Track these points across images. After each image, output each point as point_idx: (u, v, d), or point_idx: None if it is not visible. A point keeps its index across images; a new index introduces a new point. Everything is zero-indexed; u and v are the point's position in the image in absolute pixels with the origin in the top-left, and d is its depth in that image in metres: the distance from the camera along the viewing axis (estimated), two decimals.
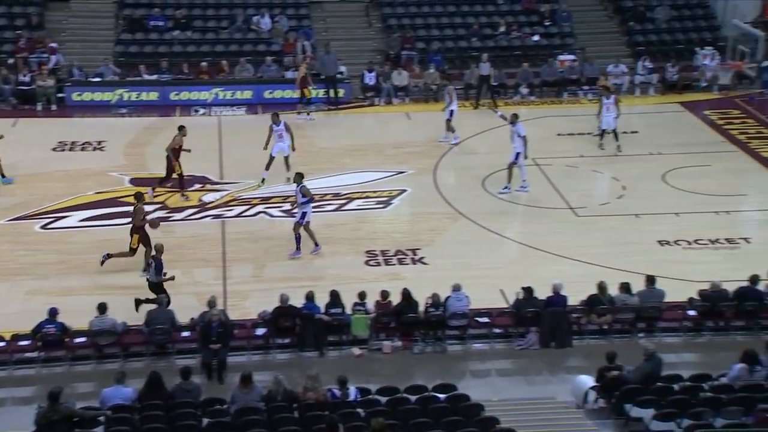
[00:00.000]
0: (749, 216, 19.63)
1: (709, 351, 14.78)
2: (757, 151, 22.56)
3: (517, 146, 19.87)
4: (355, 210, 19.83)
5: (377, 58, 28.47)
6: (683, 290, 15.57)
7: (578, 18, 30.16)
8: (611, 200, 20.08)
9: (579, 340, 15.04)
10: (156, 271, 15.37)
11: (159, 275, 15.38)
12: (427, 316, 14.95)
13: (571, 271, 16.75)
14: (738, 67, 27.19)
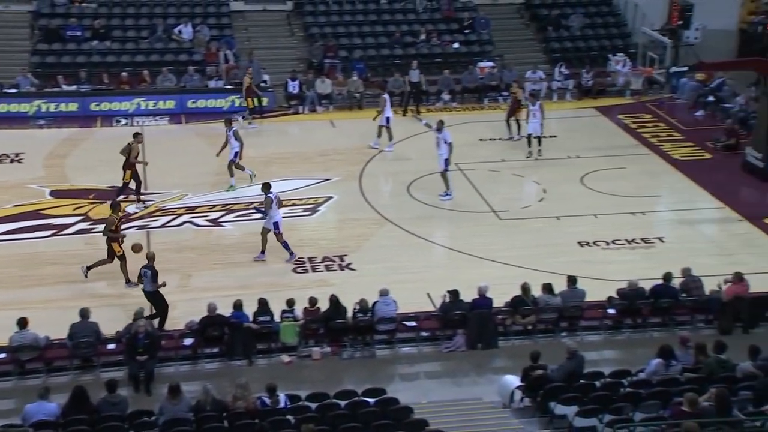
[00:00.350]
0: (663, 216, 20.17)
1: (628, 348, 15.11)
2: (668, 153, 23.20)
3: (443, 153, 19.99)
4: (282, 218, 19.65)
5: (300, 66, 28.38)
6: (603, 289, 15.89)
7: (496, 26, 30.60)
8: (533, 203, 20.41)
9: (504, 341, 15.22)
10: (152, 280, 15.10)
11: (155, 283, 15.15)
12: (355, 321, 14.94)
13: (496, 273, 16.95)
14: (648, 72, 27.95)
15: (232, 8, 30.36)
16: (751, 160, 21.72)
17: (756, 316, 15.45)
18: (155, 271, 15.25)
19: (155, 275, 15.21)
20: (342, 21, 30.26)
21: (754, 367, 12.65)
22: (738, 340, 14.48)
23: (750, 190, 21.25)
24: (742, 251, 18.04)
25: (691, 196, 20.81)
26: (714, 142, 23.57)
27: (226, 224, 19.48)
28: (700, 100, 26.41)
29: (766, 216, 19.52)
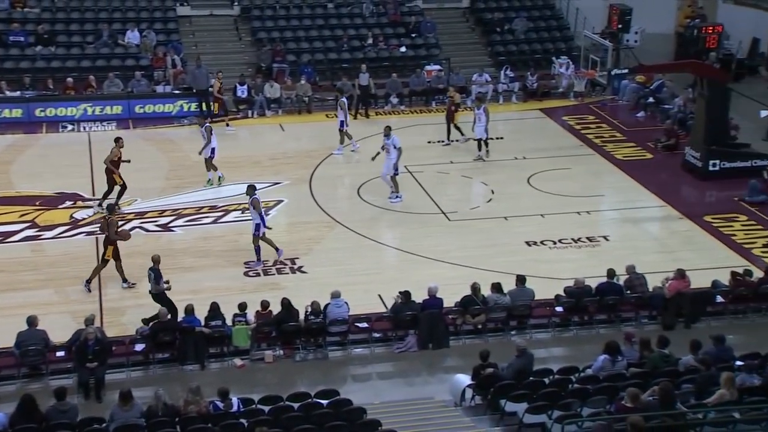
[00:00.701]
0: (608, 215, 20.48)
1: (575, 345, 15.31)
2: (611, 153, 23.57)
3: (393, 158, 20.00)
4: (233, 222, 19.57)
5: (248, 71, 28.21)
6: (551, 288, 16.09)
7: (442, 30, 30.78)
8: (481, 204, 20.56)
9: (455, 340, 15.31)
10: (156, 281, 15.08)
11: (159, 284, 15.07)
12: (307, 324, 14.90)
13: (446, 273, 17.04)
14: (591, 75, 28.27)
15: (179, 13, 30.05)
16: (690, 159, 22.18)
17: (697, 311, 15.76)
18: (159, 273, 15.20)
19: (159, 277, 15.17)
20: (289, 25, 30.16)
21: (696, 361, 12.90)
22: (680, 334, 14.78)
23: (689, 189, 21.70)
24: (683, 248, 18.41)
25: (634, 196, 21.17)
26: (655, 142, 24.02)
27: (177, 229, 19.27)
28: (640, 101, 26.89)
29: (705, 214, 19.93)
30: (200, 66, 26.15)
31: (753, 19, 30.33)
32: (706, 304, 15.92)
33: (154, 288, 15.25)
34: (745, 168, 21.65)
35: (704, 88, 21.75)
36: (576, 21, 31.15)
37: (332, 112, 26.62)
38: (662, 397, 11.17)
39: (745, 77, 29.17)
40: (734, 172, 21.58)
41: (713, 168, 21.67)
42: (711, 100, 21.59)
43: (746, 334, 15.39)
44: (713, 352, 13.26)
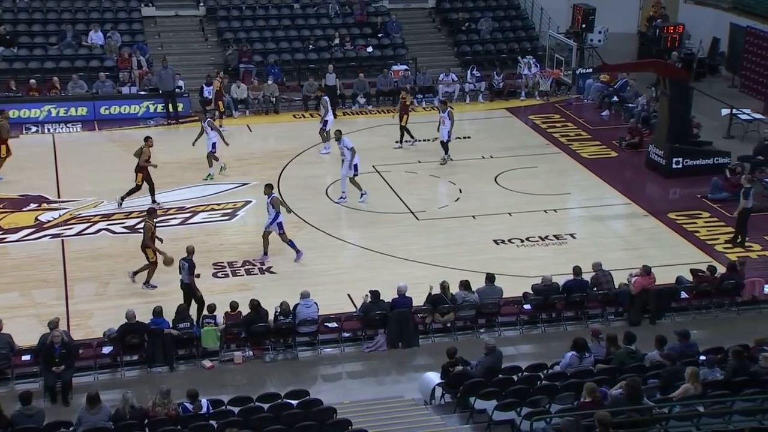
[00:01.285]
0: (574, 213, 20.62)
1: (543, 342, 15.41)
2: (577, 152, 23.74)
3: (348, 158, 19.85)
4: (201, 223, 19.46)
5: (215, 71, 28.02)
6: (519, 286, 16.18)
7: (409, 30, 30.82)
8: (449, 203, 20.62)
9: (425, 339, 15.34)
10: (189, 272, 15.20)
11: (191, 275, 15.21)
12: (276, 324, 14.84)
13: (415, 272, 17.07)
14: (556, 74, 28.55)
15: (144, 14, 29.77)
16: (653, 157, 22.41)
17: (662, 307, 15.94)
18: (192, 264, 15.34)
19: (192, 267, 15.28)
20: (256, 26, 30.03)
21: (661, 356, 13.05)
22: (646, 330, 14.95)
23: (654, 186, 21.93)
24: (648, 245, 18.61)
25: (599, 194, 21.35)
26: (619, 140, 24.23)
27: None
28: (605, 100, 27.12)
29: (669, 211, 20.16)
30: (166, 67, 25.93)
31: (713, 19, 30.73)
32: (671, 300, 16.11)
33: (187, 278, 15.34)
34: (708, 165, 21.93)
35: (667, 87, 21.99)
36: (541, 21, 31.37)
37: (298, 112, 26.62)
38: (630, 393, 11.27)
39: (706, 76, 29.54)
40: (697, 170, 21.85)
41: (676, 166, 21.92)
42: (673, 98, 21.85)
43: (709, 329, 15.61)
44: (678, 348, 13.43)
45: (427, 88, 27.74)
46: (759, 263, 17.53)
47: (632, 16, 34.22)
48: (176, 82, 26.13)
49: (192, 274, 15.38)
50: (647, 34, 31.17)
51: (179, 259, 15.66)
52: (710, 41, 30.47)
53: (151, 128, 25.12)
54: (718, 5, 31.08)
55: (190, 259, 15.50)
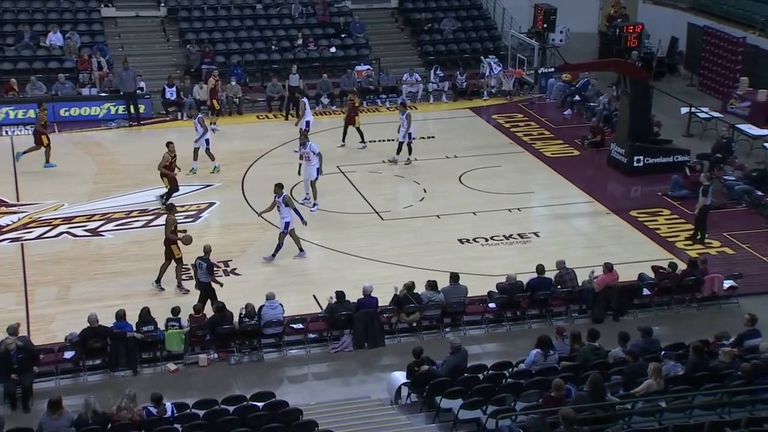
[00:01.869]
0: (538, 212, 20.76)
1: (508, 340, 15.49)
2: (540, 151, 23.91)
3: (314, 163, 19.75)
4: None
5: (177, 72, 27.81)
6: (484, 285, 16.24)
7: (372, 30, 30.83)
8: (414, 203, 20.64)
9: (391, 339, 15.35)
10: (207, 272, 15.21)
11: (210, 275, 15.22)
12: (241, 326, 14.75)
13: (380, 272, 17.08)
14: (519, 74, 28.72)
15: (104, 14, 29.39)
16: (615, 155, 22.64)
17: (624, 304, 16.10)
18: (211, 264, 15.35)
19: (211, 267, 15.31)
20: (218, 26, 29.82)
21: (624, 353, 13.19)
22: (609, 327, 15.08)
23: (615, 185, 22.15)
24: (611, 243, 18.79)
25: (562, 192, 21.51)
26: (581, 139, 24.44)
27: (106, 233, 18.89)
28: (567, 99, 27.34)
29: (631, 209, 20.38)
30: (127, 68, 25.66)
31: (671, 18, 31.13)
32: (634, 297, 16.28)
33: (205, 278, 15.29)
34: (668, 163, 22.19)
35: (627, 86, 22.22)
36: (503, 21, 31.54)
37: (262, 113, 26.49)
38: (593, 389, 11.37)
39: (666, 75, 29.90)
40: (657, 168, 22.10)
41: (637, 164, 22.16)
42: (634, 97, 22.08)
43: (671, 325, 15.82)
44: (641, 344, 13.59)
45: (390, 88, 27.75)
46: (718, 259, 17.78)
47: (593, 15, 34.54)
48: (137, 83, 25.87)
49: (211, 274, 15.37)
50: (607, 34, 31.46)
51: (195, 258, 15.61)
52: (669, 41, 30.86)
53: (112, 130, 24.86)
54: (676, 5, 31.48)
55: (208, 258, 15.48)
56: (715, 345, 13.56)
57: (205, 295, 15.45)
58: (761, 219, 19.73)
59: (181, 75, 27.53)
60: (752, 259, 18.02)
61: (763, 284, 17.09)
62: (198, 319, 14.77)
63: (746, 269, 17.21)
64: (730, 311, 16.19)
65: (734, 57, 27.47)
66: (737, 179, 20.99)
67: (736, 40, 27.46)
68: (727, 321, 15.44)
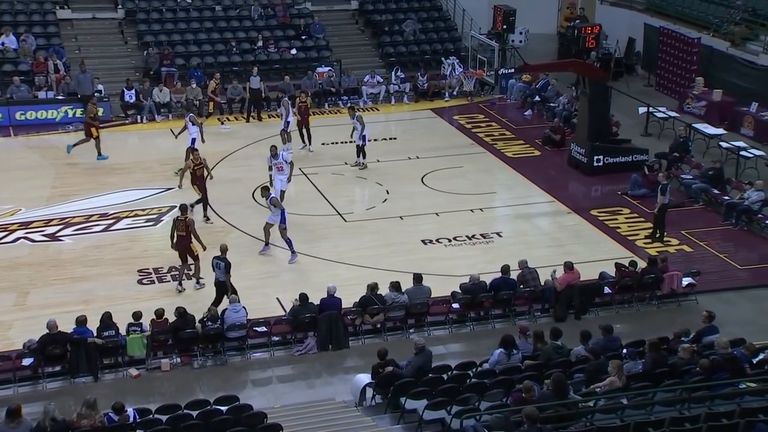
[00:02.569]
0: (499, 212, 20.89)
1: (472, 340, 15.56)
2: (502, 151, 24.06)
3: (286, 173, 19.62)
4: (125, 229, 19.08)
5: (136, 75, 27.54)
6: (447, 285, 16.29)
7: (332, 32, 30.81)
8: (377, 204, 20.66)
9: (355, 340, 15.33)
10: (226, 270, 15.44)
11: (228, 274, 15.45)
12: (204, 330, 14.64)
13: (344, 274, 17.07)
14: (479, 75, 28.88)
15: (59, 16, 29.02)
16: (575, 155, 22.86)
17: (586, 302, 16.26)
18: (228, 263, 15.51)
19: (229, 266, 15.48)
20: (177, 28, 29.58)
21: (586, 351, 13.31)
22: (571, 326, 15.22)
23: (576, 184, 22.36)
24: (572, 242, 18.97)
25: (524, 192, 21.67)
26: (544, 138, 24.60)
27: (65, 238, 18.64)
28: (527, 100, 27.55)
29: (591, 208, 20.59)
30: (85, 71, 25.36)
31: (628, 19, 31.53)
32: (595, 296, 16.44)
33: (222, 276, 15.50)
34: (627, 163, 22.45)
35: (586, 86, 22.46)
36: (463, 22, 31.71)
37: (222, 115, 26.34)
38: (555, 388, 11.47)
39: (623, 75, 30.24)
40: (617, 167, 22.35)
41: (597, 163, 22.39)
42: (593, 98, 22.32)
43: (631, 322, 16.00)
44: (602, 342, 13.73)
45: (351, 90, 27.76)
46: (677, 257, 18.03)
47: (551, 17, 34.88)
48: (95, 86, 25.57)
49: (228, 273, 15.45)
50: (566, 35, 31.79)
51: (212, 257, 15.74)
52: (626, 41, 31.25)
53: (70, 133, 24.53)
54: (632, 6, 31.91)
55: (225, 258, 15.59)
56: (675, 341, 13.75)
57: (221, 293, 15.60)
58: (717, 217, 20.04)
59: (140, 77, 27.27)
60: (709, 257, 18.30)
61: (721, 281, 17.37)
62: (160, 323, 14.63)
63: (704, 267, 17.47)
64: (688, 308, 16.42)
65: (689, 57, 27.88)
66: (694, 178, 21.30)
67: (691, 40, 27.87)
68: (686, 318, 15.68)
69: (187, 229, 16.44)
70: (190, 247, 16.48)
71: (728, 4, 28.74)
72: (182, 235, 16.41)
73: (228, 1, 30.89)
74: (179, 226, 16.46)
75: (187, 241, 16.45)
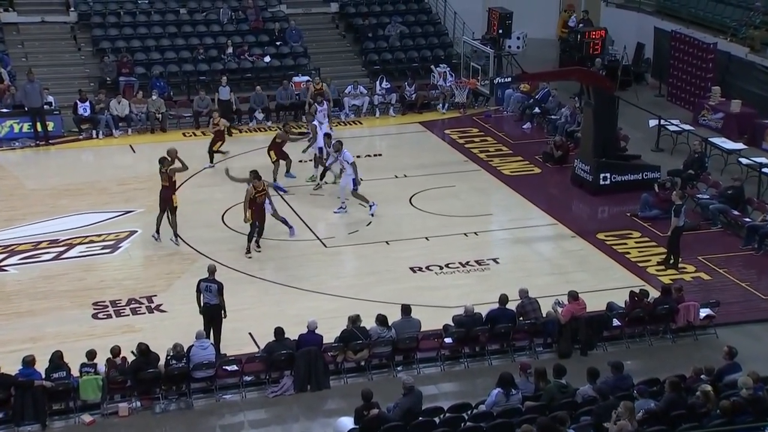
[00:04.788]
0: (496, 235, 20.99)
1: (467, 378, 15.57)
2: (498, 169, 24.21)
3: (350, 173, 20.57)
4: (78, 257, 19.02)
5: (91, 85, 27.58)
6: (439, 317, 16.32)
7: (310, 37, 30.99)
8: (360, 228, 20.70)
9: (336, 380, 15.31)
10: (219, 292, 15.52)
11: (221, 295, 15.55)
12: (168, 369, 14.59)
13: (324, 306, 17.09)
14: (472, 84, 28.99)
15: (4, 20, 29.05)
16: (579, 173, 23.00)
17: (593, 336, 16.29)
18: (220, 284, 15.62)
19: (221, 288, 15.56)
20: (136, 34, 29.67)
21: (594, 391, 13.34)
22: (577, 362, 15.26)
23: (581, 205, 22.51)
24: (577, 269, 19.06)
25: (523, 214, 21.78)
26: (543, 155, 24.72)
27: (9, 268, 18.57)
28: (526, 112, 27.74)
29: (598, 231, 20.70)
30: (33, 81, 25.35)
31: (636, 23, 31.86)
32: (603, 329, 16.48)
33: (215, 299, 15.56)
34: (637, 181, 22.62)
35: (591, 96, 22.61)
36: (454, 26, 31.96)
37: (188, 129, 26.37)
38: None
39: (632, 85, 30.50)
40: (626, 186, 22.50)
41: (604, 182, 22.55)
42: (598, 109, 22.49)
43: (644, 358, 16.05)
44: (611, 381, 13.75)
45: (333, 101, 27.81)
46: (693, 286, 18.13)
47: (552, 20, 35.18)
48: (45, 97, 25.57)
49: (221, 295, 15.52)
50: (569, 40, 32.07)
51: (199, 280, 15.77)
52: (635, 47, 31.54)
53: (16, 151, 24.49)
54: (641, 8, 32.21)
55: (215, 279, 15.74)
56: (692, 380, 13.79)
57: (213, 319, 15.54)
58: (738, 241, 20.17)
59: (95, 88, 27.28)
60: (730, 285, 18.41)
61: (742, 312, 17.46)
62: (117, 362, 14.56)
63: (724, 296, 17.57)
64: (707, 343, 16.50)
65: (704, 65, 28.13)
66: (711, 197, 21.46)
67: (706, 46, 28.15)
68: (705, 354, 15.75)
69: (169, 179, 18.88)
70: (172, 198, 18.90)
71: (747, 5, 29.08)
72: (165, 185, 19.03)
73: (194, 4, 31.05)
74: (162, 176, 19.04)
75: (169, 193, 18.94)
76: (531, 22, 32.16)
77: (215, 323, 15.61)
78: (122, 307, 17.15)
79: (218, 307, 15.62)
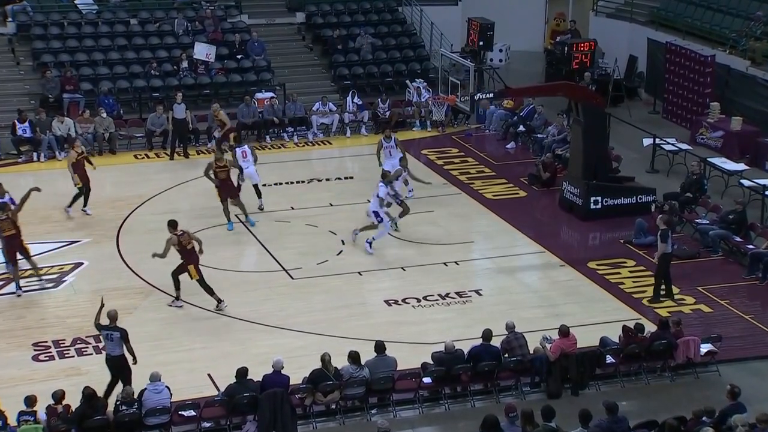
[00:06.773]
0: (479, 265, 21.06)
1: (448, 422, 15.58)
2: (480, 192, 24.32)
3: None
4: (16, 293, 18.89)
5: (31, 103, 27.51)
6: (417, 355, 16.33)
7: (274, 50, 31.11)
8: (330, 258, 20.71)
9: (305, 424, 15.28)
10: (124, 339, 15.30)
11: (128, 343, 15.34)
12: (117, 416, 14.49)
13: (291, 343, 17.09)
14: (451, 101, 29.17)
15: None
16: (568, 196, 23.12)
17: (585, 375, 16.34)
18: (124, 331, 15.38)
19: (124, 335, 15.32)
20: (82, 46, 29.66)
21: None
22: (568, 404, 15.31)
23: (570, 231, 22.65)
24: (566, 301, 19.14)
25: (508, 241, 21.89)
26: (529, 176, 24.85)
27: None
28: (510, 130, 27.89)
29: (589, 260, 20.82)
30: None
31: (628, 33, 32.18)
32: (595, 366, 16.54)
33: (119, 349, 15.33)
34: (630, 205, 22.77)
35: (580, 114, 22.74)
36: (431, 38, 32.20)
37: (141, 151, 26.31)
38: None
39: (624, 100, 30.68)
40: (618, 210, 22.66)
41: (595, 206, 22.66)
42: (588, 127, 22.62)
43: (640, 398, 16.12)
44: (605, 424, 13.79)
45: (299, 120, 27.91)
46: (693, 319, 18.25)
47: (537, 32, 35.49)
48: None
49: (128, 342, 15.32)
50: (555, 53, 32.37)
51: (101, 329, 15.47)
52: (627, 60, 31.85)
53: None
54: (633, 18, 32.54)
55: (117, 326, 15.45)
56: (693, 423, 13.86)
57: (120, 371, 15.30)
58: (741, 270, 20.33)
59: (36, 106, 27.20)
60: (733, 318, 18.54)
61: (747, 348, 17.57)
62: (60, 410, 14.44)
63: (726, 330, 17.70)
64: (709, 381, 16.59)
65: (702, 79, 28.42)
66: (711, 223, 21.61)
67: (704, 59, 28.43)
68: (706, 393, 15.85)
69: (14, 225, 18.46)
70: (22, 244, 18.69)
71: (747, 15, 29.45)
72: (12, 234, 18.58)
73: (146, 13, 31.11)
74: (3, 226, 18.53)
75: (18, 240, 18.57)
76: (514, 33, 32.48)
77: (123, 375, 15.33)
78: (66, 348, 17.03)
79: (122, 357, 15.38)
